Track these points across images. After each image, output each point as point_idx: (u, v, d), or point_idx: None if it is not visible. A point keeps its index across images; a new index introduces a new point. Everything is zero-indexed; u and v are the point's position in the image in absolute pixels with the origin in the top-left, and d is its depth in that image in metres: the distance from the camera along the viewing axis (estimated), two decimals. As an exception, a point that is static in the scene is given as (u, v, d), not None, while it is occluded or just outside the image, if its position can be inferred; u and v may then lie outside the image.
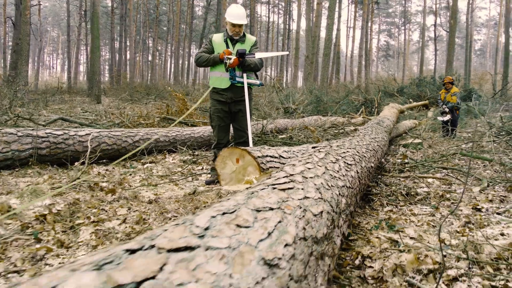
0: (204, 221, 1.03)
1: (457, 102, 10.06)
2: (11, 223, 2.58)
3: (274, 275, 0.96)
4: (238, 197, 1.36)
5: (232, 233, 1.01)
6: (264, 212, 1.24)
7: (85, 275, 0.68)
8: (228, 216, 1.12)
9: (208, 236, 0.95)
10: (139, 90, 26.94)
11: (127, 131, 5.54)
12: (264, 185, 1.58)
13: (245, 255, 0.94)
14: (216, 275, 0.82)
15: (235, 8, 3.95)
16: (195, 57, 4.08)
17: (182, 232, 0.93)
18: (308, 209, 1.45)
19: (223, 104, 4.07)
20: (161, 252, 0.81)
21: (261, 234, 1.08)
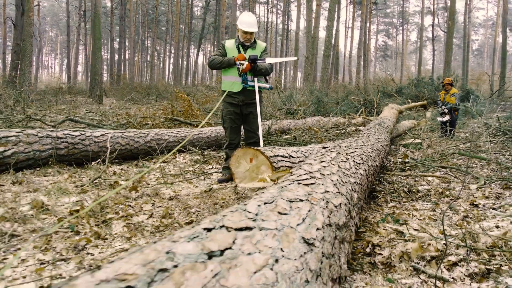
0: (254, 208, 1.26)
1: (456, 103, 10.31)
2: (46, 218, 2.81)
3: (312, 251, 1.19)
4: (271, 190, 1.59)
5: (276, 218, 1.24)
6: (296, 202, 1.47)
7: (185, 244, 0.91)
8: (269, 205, 1.35)
9: (259, 220, 1.19)
10: (139, 91, 27.13)
11: (138, 132, 5.77)
12: (290, 181, 1.82)
13: (289, 235, 1.17)
14: (272, 249, 1.05)
15: (246, 16, 4.18)
16: (208, 60, 4.30)
17: (239, 216, 1.16)
18: (330, 201, 1.68)
19: (235, 107, 4.30)
20: (230, 230, 1.05)
21: (297, 220, 1.31)
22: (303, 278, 1.04)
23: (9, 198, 3.38)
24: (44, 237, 2.37)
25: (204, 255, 0.88)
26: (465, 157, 6.35)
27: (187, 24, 45.88)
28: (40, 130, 4.72)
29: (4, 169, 4.18)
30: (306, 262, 1.11)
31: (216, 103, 12.68)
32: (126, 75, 37.59)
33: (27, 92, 15.80)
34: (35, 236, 2.36)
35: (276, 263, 1.00)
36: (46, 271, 2.02)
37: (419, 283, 1.93)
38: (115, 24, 43.37)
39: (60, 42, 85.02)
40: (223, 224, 1.07)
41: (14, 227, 2.48)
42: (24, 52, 15.97)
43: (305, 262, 1.10)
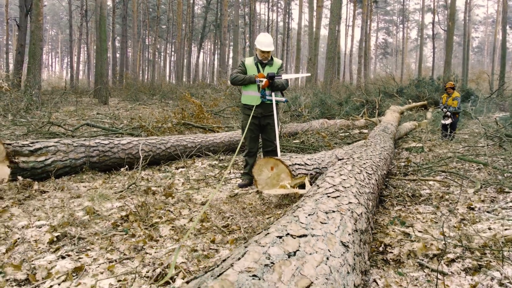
0: (304, 220, 1.70)
1: (458, 107, 10.76)
2: (99, 222, 3.24)
3: (348, 251, 1.63)
4: (309, 203, 2.03)
5: (320, 227, 1.68)
6: (330, 213, 1.91)
7: (272, 247, 1.35)
8: (313, 216, 1.79)
9: (309, 229, 1.62)
10: (143, 91, 27.55)
11: (160, 139, 6.21)
12: (321, 194, 2.26)
13: (332, 239, 1.61)
14: (323, 250, 1.49)
15: (263, 37, 4.62)
16: (230, 77, 4.75)
17: (296, 226, 1.60)
18: (354, 211, 2.12)
19: (254, 118, 4.74)
20: (294, 237, 1.48)
21: (334, 227, 1.75)
22: (345, 270, 1.47)
23: (58, 204, 3.82)
24: (108, 240, 2.81)
25: (285, 255, 1.31)
26: (464, 161, 6.78)
27: (188, 23, 46.25)
28: (75, 139, 5.15)
29: (45, 176, 4.62)
30: (346, 259, 1.55)
31: (223, 105, 13.12)
32: (128, 74, 37.95)
33: (37, 95, 16.24)
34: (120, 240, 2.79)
35: (328, 260, 1.43)
36: (116, 268, 2.46)
37: (423, 276, 2.37)
38: (116, 23, 43.75)
39: (61, 41, 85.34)
40: (288, 233, 1.51)
41: (80, 231, 2.92)
42: (34, 56, 16.37)
43: (345, 259, 1.54)
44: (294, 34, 62.63)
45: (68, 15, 41.89)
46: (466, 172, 5.98)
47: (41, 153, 4.58)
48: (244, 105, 4.82)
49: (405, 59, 62.18)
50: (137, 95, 24.46)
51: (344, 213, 2.00)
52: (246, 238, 2.86)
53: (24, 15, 19.58)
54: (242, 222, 3.15)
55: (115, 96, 25.49)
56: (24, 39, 19.69)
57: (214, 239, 2.85)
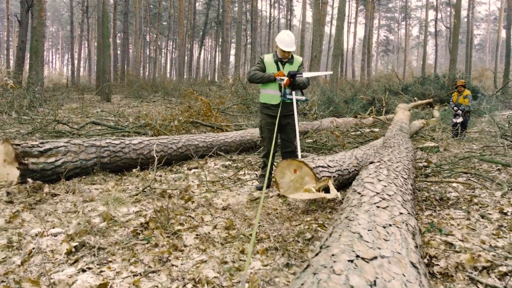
0: (367, 237, 1.50)
1: (469, 105, 10.57)
2: (118, 230, 3.05)
3: (419, 273, 1.44)
4: (362, 215, 1.84)
5: (385, 245, 1.49)
6: (388, 227, 1.72)
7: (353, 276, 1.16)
8: (373, 232, 1.60)
9: (376, 248, 1.43)
10: (145, 88, 27.31)
11: (171, 138, 6.01)
12: (369, 204, 2.06)
13: (401, 260, 1.42)
14: (399, 275, 1.30)
15: (286, 36, 4.41)
16: (248, 74, 4.54)
17: (362, 246, 1.41)
18: (408, 223, 1.93)
19: (273, 118, 4.54)
20: (367, 261, 1.29)
21: (398, 245, 1.56)
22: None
23: (70, 208, 3.63)
24: (130, 250, 2.61)
25: (368, 285, 1.12)
26: (482, 161, 6.59)
27: (189, 20, 45.97)
28: (85, 140, 4.95)
29: (55, 178, 4.42)
30: (421, 282, 1.36)
31: (230, 103, 12.91)
32: (129, 71, 37.71)
33: (40, 92, 16.03)
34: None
35: (406, 287, 1.24)
36: (142, 283, 2.27)
37: (477, 292, 2.18)
38: (118, 19, 43.47)
39: (61, 37, 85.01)
40: (357, 255, 1.32)
41: (99, 241, 2.72)
42: (36, 52, 16.14)
43: (421, 283, 1.35)
44: (295, 31, 62.31)
45: (69, 11, 41.61)
46: (487, 173, 5.79)
47: (51, 154, 4.38)
48: (262, 104, 4.62)
49: (408, 57, 61.85)
50: (139, 92, 24.24)
51: (400, 226, 1.81)
52: (277, 248, 2.67)
53: (25, 11, 19.30)
54: (270, 230, 2.96)
55: (117, 93, 25.26)
56: (25, 35, 19.42)
57: (243, 249, 2.66)
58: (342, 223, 1.81)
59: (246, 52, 50.01)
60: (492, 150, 7.78)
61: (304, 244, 2.75)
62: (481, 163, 6.63)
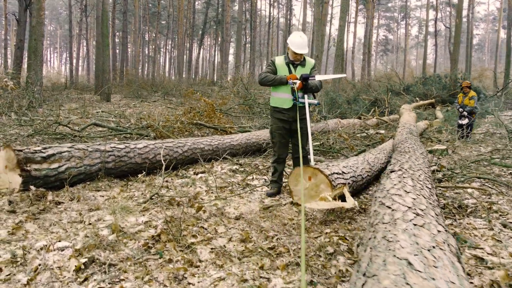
0: (416, 264, 1.35)
1: (475, 106, 10.44)
2: (128, 243, 2.89)
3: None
4: (401, 236, 1.69)
5: (437, 274, 1.34)
6: (432, 250, 1.57)
7: None
8: (420, 257, 1.45)
9: (430, 279, 1.28)
10: (145, 87, 27.11)
11: (176, 142, 5.85)
12: (404, 222, 1.91)
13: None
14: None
15: (298, 37, 4.26)
16: (259, 76, 4.40)
17: (414, 276, 1.26)
18: (449, 243, 1.78)
19: (285, 123, 4.39)
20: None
21: (449, 272, 1.41)
22: None
23: (76, 218, 3.47)
24: (143, 266, 2.46)
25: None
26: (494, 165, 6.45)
27: (188, 19, 45.78)
28: (89, 144, 4.79)
29: (58, 185, 4.26)
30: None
31: (233, 104, 12.75)
32: (128, 70, 37.49)
33: (39, 92, 15.85)
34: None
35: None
36: (158, 303, 2.11)
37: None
38: (116, 18, 43.19)
39: (60, 36, 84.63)
40: (408, 282, 1.17)
41: (109, 256, 2.57)
42: (35, 52, 15.94)
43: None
44: (294, 30, 62.12)
45: (67, 10, 41.37)
46: (499, 178, 5.66)
47: (54, 159, 4.22)
48: (273, 108, 4.47)
49: (407, 57, 61.77)
50: (139, 91, 24.04)
51: (443, 247, 1.67)
52: (299, 264, 2.52)
53: (23, 9, 19.09)
54: (289, 243, 2.81)
55: (117, 92, 25.04)
56: (23, 34, 19.20)
57: (262, 265, 2.51)
58: (380, 244, 1.66)
59: (245, 52, 49.81)
60: (501, 153, 7.64)
61: (327, 259, 2.60)
62: (492, 167, 6.50)
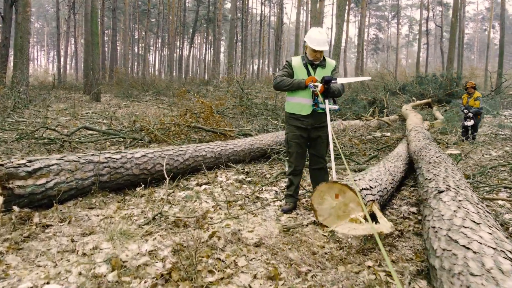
0: None
1: (481, 107, 10.08)
2: (130, 282, 2.39)
3: None
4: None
5: None
6: None
7: None
8: None
9: None
10: (135, 86, 26.42)
11: (177, 149, 5.35)
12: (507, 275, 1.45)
13: None
14: None
15: (317, 33, 3.79)
16: (275, 80, 3.91)
17: None
18: None
19: (303, 131, 3.92)
20: None
21: None
22: None
23: (67, 246, 2.96)
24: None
25: None
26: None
27: (179, 17, 45.06)
28: (81, 155, 4.26)
29: (46, 203, 3.73)
30: None
31: (229, 104, 12.24)
32: (118, 69, 36.69)
33: (25, 92, 15.18)
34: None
35: None
36: None
37: None
38: (105, 16, 42.32)
39: (47, 33, 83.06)
40: None
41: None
42: (21, 50, 15.26)
43: None
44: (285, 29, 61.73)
45: (55, 6, 40.37)
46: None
47: (41, 174, 3.68)
48: (290, 114, 3.99)
49: (399, 56, 61.80)
50: (129, 91, 23.35)
51: None
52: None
53: (8, 6, 18.30)
54: (328, 282, 2.33)
55: (106, 92, 24.28)
56: (8, 32, 18.41)
57: (301, 315, 2.03)
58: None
59: (237, 50, 49.17)
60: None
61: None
62: (510, 173, 6.11)
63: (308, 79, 3.75)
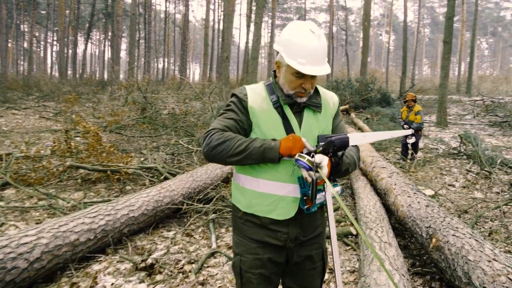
0: None
1: (422, 122, 8.85)
2: None
3: None
4: None
5: None
6: None
7: None
8: None
9: None
10: (15, 88, 21.90)
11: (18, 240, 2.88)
12: None
13: None
14: None
15: (307, 34, 1.66)
16: (208, 139, 1.69)
17: None
18: None
19: (275, 251, 1.76)
20: None
21: None
22: None
23: None
24: None
25: None
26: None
27: (73, 9, 39.96)
28: None
29: None
30: None
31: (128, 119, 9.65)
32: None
33: None
34: None
35: None
36: None
37: None
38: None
39: None
40: None
41: None
42: None
43: None
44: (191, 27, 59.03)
45: None
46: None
47: None
48: (244, 216, 1.81)
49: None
50: (5, 94, 18.84)
51: None
52: None
53: None
54: None
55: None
56: None
57: None
58: None
59: (140, 48, 45.24)
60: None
61: None
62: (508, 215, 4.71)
63: (287, 143, 1.61)
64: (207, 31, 27.03)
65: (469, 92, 28.28)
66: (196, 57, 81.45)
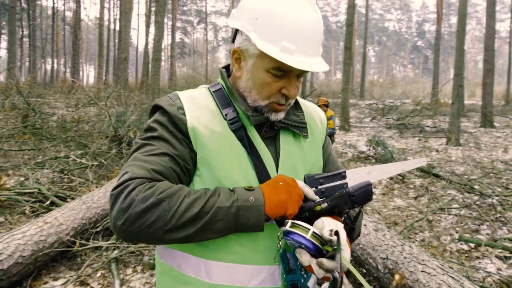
0: None
1: (334, 128, 8.73)
2: None
3: None
4: None
5: None
6: None
7: None
8: None
9: None
10: None
11: None
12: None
13: None
14: None
15: (302, 10, 0.94)
16: (124, 198, 0.86)
17: None
18: None
19: None
20: None
21: None
22: None
23: None
24: None
25: None
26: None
27: None
28: None
29: None
30: None
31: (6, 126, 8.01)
32: None
33: None
34: None
35: None
36: None
37: None
38: None
39: None
40: None
41: None
42: None
43: None
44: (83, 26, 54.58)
45: None
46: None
47: None
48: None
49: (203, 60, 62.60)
50: None
51: None
52: None
53: None
54: None
55: None
56: None
57: None
58: None
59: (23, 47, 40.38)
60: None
61: None
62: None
63: (276, 195, 0.89)
64: (101, 30, 24.84)
65: (363, 96, 30.12)
66: (90, 59, 76.03)
